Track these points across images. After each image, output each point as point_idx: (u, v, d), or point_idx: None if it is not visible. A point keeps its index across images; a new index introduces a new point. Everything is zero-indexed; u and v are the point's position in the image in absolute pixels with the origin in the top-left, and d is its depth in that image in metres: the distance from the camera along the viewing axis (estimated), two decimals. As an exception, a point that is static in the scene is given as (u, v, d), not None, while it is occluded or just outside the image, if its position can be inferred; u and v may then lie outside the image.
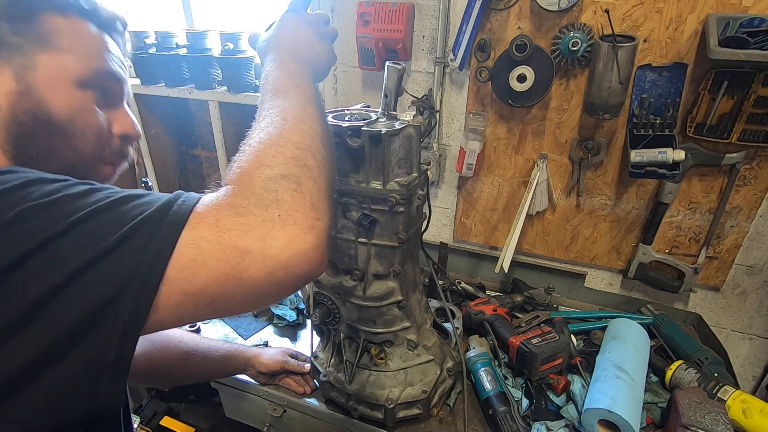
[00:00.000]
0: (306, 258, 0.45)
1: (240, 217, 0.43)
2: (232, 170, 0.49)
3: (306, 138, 0.52)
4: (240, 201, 0.44)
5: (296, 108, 0.55)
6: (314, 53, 0.66)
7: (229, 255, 0.42)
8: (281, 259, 0.43)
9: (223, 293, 0.42)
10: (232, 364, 1.07)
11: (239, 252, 0.42)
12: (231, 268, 0.42)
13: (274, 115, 0.54)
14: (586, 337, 1.27)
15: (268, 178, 0.46)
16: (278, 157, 0.48)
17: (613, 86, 1.09)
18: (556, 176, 1.34)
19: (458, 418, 1.03)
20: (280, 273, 0.43)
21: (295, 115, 0.54)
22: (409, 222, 0.89)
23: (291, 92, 0.57)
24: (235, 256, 0.42)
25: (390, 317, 0.96)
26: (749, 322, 1.34)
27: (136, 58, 1.60)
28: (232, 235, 0.42)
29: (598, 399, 0.94)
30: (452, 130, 1.40)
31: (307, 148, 0.51)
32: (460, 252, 1.56)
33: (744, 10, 1.02)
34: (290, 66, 0.61)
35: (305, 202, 0.46)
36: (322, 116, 0.57)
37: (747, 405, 0.97)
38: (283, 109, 0.54)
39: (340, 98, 1.49)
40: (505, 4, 1.18)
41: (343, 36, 1.36)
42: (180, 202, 0.44)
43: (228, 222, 0.43)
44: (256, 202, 0.44)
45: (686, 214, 1.26)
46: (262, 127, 0.52)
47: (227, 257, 0.42)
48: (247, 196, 0.45)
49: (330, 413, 1.05)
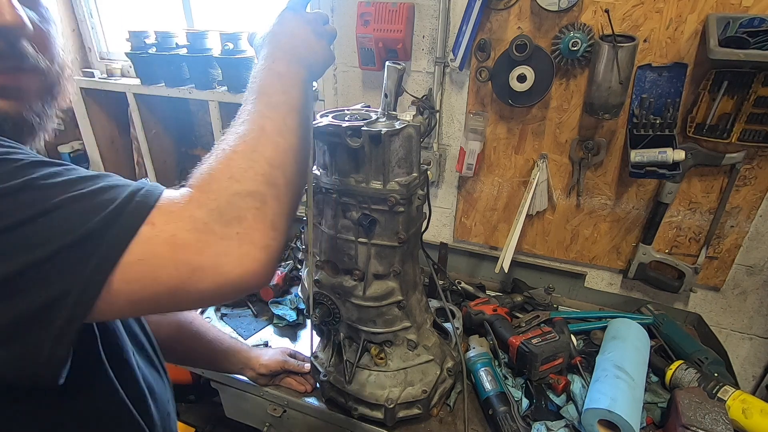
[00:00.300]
0: (255, 275, 0.45)
1: (199, 234, 0.43)
2: (201, 172, 0.47)
3: (280, 154, 0.50)
4: (202, 214, 0.43)
5: (277, 119, 0.53)
6: (311, 51, 0.64)
7: (181, 271, 0.42)
8: (232, 276, 0.43)
9: (169, 302, 0.44)
10: (232, 360, 1.07)
11: (192, 269, 0.42)
12: (181, 282, 0.42)
13: (253, 122, 0.52)
14: (586, 337, 1.27)
15: (235, 193, 0.45)
16: (249, 173, 0.47)
17: (613, 86, 1.09)
18: (556, 176, 1.34)
19: (458, 418, 1.03)
20: (228, 288, 0.44)
21: (275, 127, 0.52)
22: (409, 222, 0.89)
23: (275, 98, 0.55)
24: (187, 272, 0.42)
25: (390, 317, 0.96)
26: (749, 322, 1.34)
27: (136, 58, 1.60)
28: (187, 251, 0.42)
29: (598, 399, 0.94)
30: (452, 130, 1.40)
31: (279, 165, 0.50)
32: (460, 252, 1.56)
33: (744, 10, 1.02)
34: (281, 66, 0.59)
35: (266, 221, 0.46)
36: (302, 128, 0.56)
37: (747, 405, 0.97)
38: (263, 116, 0.53)
39: (340, 98, 1.49)
40: (505, 4, 1.18)
41: (343, 36, 1.36)
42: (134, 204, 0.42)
43: (185, 237, 0.42)
44: (218, 218, 0.44)
45: (686, 214, 1.26)
46: (240, 133, 0.51)
47: (179, 273, 0.42)
48: (210, 209, 0.44)
49: (330, 413, 1.05)
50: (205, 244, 0.42)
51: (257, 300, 1.43)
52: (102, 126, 1.86)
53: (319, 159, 0.90)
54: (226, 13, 1.79)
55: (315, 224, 0.95)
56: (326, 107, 1.51)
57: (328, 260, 0.96)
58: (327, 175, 0.88)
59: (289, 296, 1.42)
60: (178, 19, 1.77)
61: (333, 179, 0.87)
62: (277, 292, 1.41)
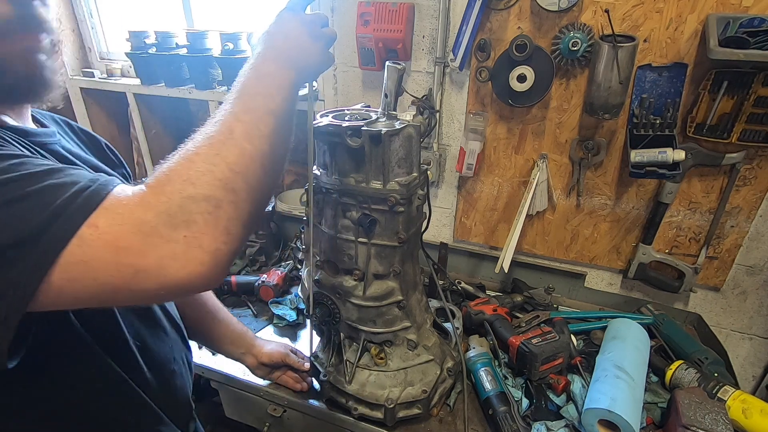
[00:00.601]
0: (200, 278, 0.45)
1: (143, 237, 0.42)
2: (160, 171, 0.47)
3: (245, 159, 0.49)
4: (149, 217, 0.43)
5: (249, 123, 0.51)
6: (305, 54, 0.63)
7: (123, 272, 0.42)
8: (176, 278, 0.43)
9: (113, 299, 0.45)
10: (237, 343, 1.05)
11: (135, 271, 0.42)
12: (124, 283, 0.42)
13: (224, 124, 0.51)
14: (586, 337, 1.27)
15: (188, 196, 0.44)
16: (206, 176, 0.46)
17: (613, 86, 1.09)
18: (556, 176, 1.34)
19: (458, 418, 1.03)
20: (173, 289, 0.44)
21: (245, 131, 0.51)
22: (409, 222, 0.89)
23: (254, 101, 0.54)
24: (129, 273, 0.42)
25: (390, 317, 0.96)
26: (749, 322, 1.34)
27: (136, 58, 1.60)
28: (129, 254, 0.42)
29: (598, 399, 0.94)
30: (452, 130, 1.40)
31: (241, 171, 0.48)
32: (460, 252, 1.56)
33: (744, 10, 1.02)
34: (269, 67, 0.57)
35: (218, 226, 0.45)
36: (276, 134, 0.54)
37: (747, 405, 0.97)
38: (236, 119, 0.51)
39: (340, 98, 1.49)
40: (505, 4, 1.18)
41: (343, 36, 1.37)
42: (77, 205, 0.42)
43: (128, 240, 0.42)
44: (166, 221, 0.43)
45: (686, 214, 1.26)
46: (209, 134, 0.50)
47: (121, 274, 0.42)
48: (159, 212, 0.43)
49: (330, 413, 1.05)
50: (149, 247, 0.42)
51: (257, 300, 1.43)
52: (102, 126, 1.86)
53: (319, 159, 0.90)
54: (226, 13, 1.79)
55: (315, 224, 0.95)
56: (326, 107, 1.51)
57: (328, 260, 0.96)
58: (327, 174, 0.88)
59: (289, 296, 1.42)
60: (178, 19, 1.77)
61: (333, 179, 0.87)
62: (277, 292, 1.41)
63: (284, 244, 1.69)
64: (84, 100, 1.77)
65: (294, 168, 1.95)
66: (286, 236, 1.70)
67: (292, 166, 1.95)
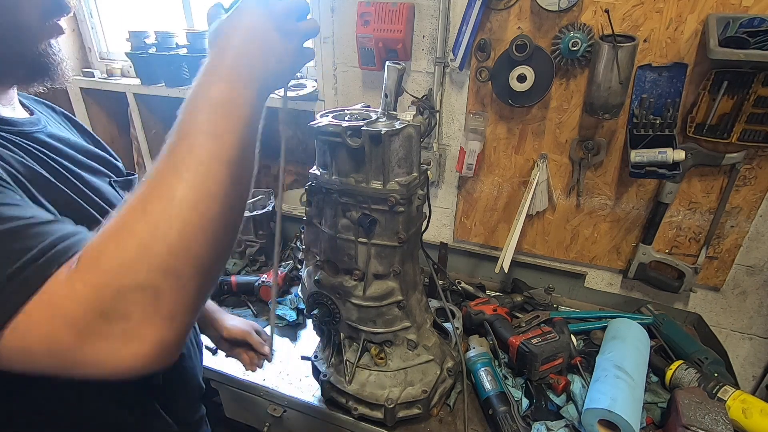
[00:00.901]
0: (147, 367, 0.41)
1: (77, 333, 0.38)
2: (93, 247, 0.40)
3: (188, 234, 0.41)
4: (81, 312, 0.38)
5: (194, 182, 0.41)
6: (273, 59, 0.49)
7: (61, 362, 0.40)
8: (119, 370, 0.40)
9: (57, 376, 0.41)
10: (209, 318, 1.03)
11: (72, 362, 0.40)
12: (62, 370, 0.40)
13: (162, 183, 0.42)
14: (586, 337, 1.27)
15: (123, 288, 0.39)
16: (141, 263, 0.39)
17: (613, 86, 1.09)
18: (556, 176, 1.34)
19: (458, 418, 1.03)
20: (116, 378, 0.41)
21: (189, 196, 0.41)
22: (409, 222, 0.89)
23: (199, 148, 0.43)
24: (68, 364, 0.40)
25: (390, 317, 0.96)
26: (749, 322, 1.34)
27: (136, 58, 1.60)
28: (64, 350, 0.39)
29: (598, 399, 0.94)
30: (452, 130, 1.40)
31: (184, 251, 0.41)
32: (460, 252, 1.56)
33: (744, 10, 1.02)
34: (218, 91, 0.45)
35: (159, 315, 0.40)
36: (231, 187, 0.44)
37: (747, 405, 0.97)
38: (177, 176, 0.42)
39: (340, 98, 1.49)
40: (505, 4, 1.18)
41: (343, 36, 1.37)
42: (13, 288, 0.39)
43: (61, 336, 0.38)
44: (99, 316, 0.38)
45: (686, 214, 1.26)
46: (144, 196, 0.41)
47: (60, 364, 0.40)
48: (91, 307, 0.38)
49: (330, 413, 1.05)
50: (85, 343, 0.39)
51: (257, 300, 1.43)
52: (102, 126, 1.86)
53: (319, 159, 0.90)
54: (226, 13, 1.79)
55: (315, 224, 0.95)
56: (326, 107, 1.51)
57: (328, 260, 0.96)
58: (327, 175, 0.88)
59: (289, 296, 1.42)
60: (178, 19, 1.77)
61: (333, 179, 0.87)
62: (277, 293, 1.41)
63: (284, 244, 1.69)
64: (84, 100, 1.77)
65: (294, 168, 1.95)
66: (286, 236, 1.71)
67: (292, 166, 1.95)
